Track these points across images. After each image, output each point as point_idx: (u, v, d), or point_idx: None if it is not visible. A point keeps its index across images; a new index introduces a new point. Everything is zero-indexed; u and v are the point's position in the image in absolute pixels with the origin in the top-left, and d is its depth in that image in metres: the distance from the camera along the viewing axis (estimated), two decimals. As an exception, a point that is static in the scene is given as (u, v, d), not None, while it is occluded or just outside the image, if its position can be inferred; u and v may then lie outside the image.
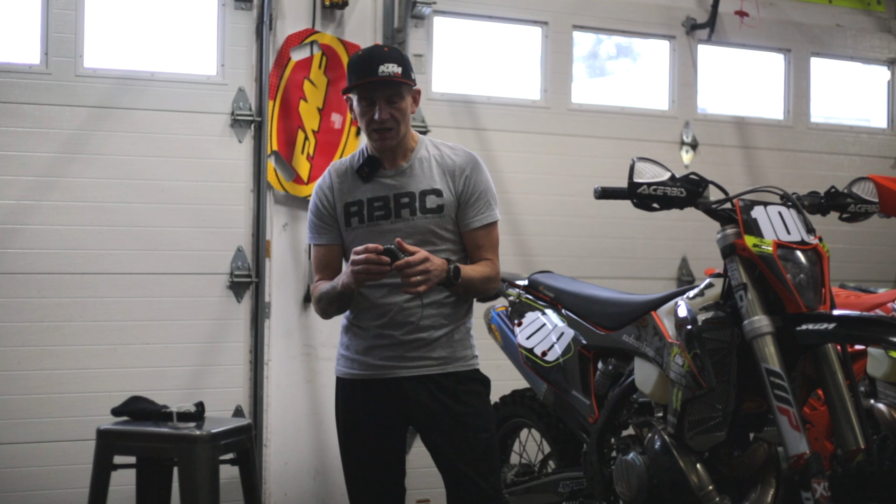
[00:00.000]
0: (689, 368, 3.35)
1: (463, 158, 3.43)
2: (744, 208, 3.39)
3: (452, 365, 3.39)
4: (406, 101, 3.37)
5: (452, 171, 3.40)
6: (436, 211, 3.37)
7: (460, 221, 3.40)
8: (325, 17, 5.61)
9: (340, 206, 3.43)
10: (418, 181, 3.39)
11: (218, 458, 4.20)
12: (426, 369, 3.36)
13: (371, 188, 3.41)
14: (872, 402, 3.87)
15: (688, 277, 6.33)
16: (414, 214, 3.36)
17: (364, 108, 3.35)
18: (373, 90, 3.32)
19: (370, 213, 3.39)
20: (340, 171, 3.48)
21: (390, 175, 3.41)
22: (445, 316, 3.38)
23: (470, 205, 3.39)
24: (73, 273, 5.16)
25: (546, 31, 6.17)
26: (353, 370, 3.43)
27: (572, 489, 4.13)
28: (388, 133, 3.34)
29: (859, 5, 7.06)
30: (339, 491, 5.58)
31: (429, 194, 3.37)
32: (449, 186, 3.38)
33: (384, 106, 3.32)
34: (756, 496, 3.46)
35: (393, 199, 3.38)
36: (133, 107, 5.27)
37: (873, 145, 7.05)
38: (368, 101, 3.34)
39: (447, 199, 3.38)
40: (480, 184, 3.41)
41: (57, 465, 5.10)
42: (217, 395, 5.27)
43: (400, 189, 3.39)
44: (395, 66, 3.31)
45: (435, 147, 3.46)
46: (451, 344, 3.39)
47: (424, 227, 3.35)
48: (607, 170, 5.69)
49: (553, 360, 4.13)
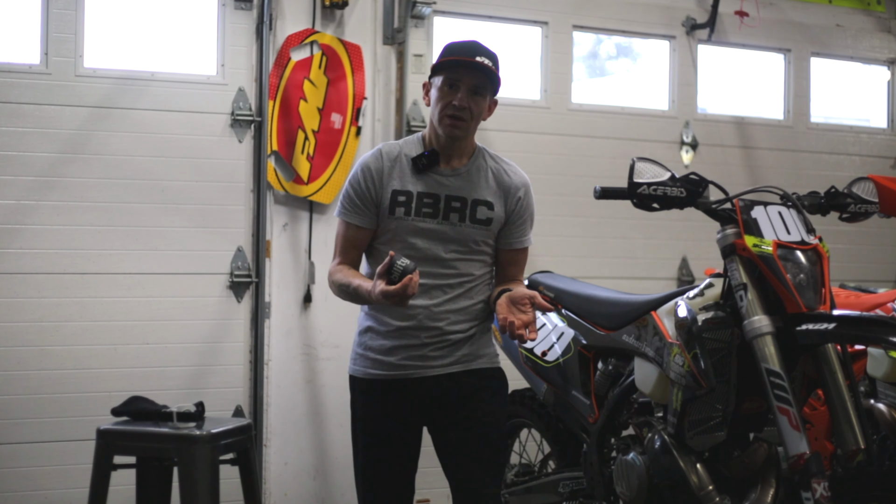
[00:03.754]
0: (689, 368, 3.35)
1: (519, 179, 3.43)
2: (744, 208, 3.39)
3: (476, 362, 3.39)
4: (486, 101, 3.34)
5: (508, 189, 3.39)
6: (485, 223, 3.35)
7: (502, 239, 3.41)
8: (325, 17, 5.61)
9: (388, 191, 3.33)
10: (473, 188, 3.35)
11: (218, 458, 4.20)
12: (449, 368, 3.35)
13: (423, 182, 3.34)
14: (872, 402, 3.87)
15: (688, 277, 6.33)
16: (463, 221, 3.33)
17: (446, 91, 3.29)
18: (462, 74, 3.27)
19: (418, 207, 3.32)
20: (392, 154, 3.38)
21: (446, 174, 3.35)
22: (471, 318, 3.38)
23: (517, 226, 3.41)
24: (73, 273, 5.16)
25: (546, 31, 6.17)
26: (374, 370, 3.38)
27: (572, 489, 4.13)
28: (461, 123, 3.29)
29: (859, 5, 7.06)
30: (339, 491, 5.58)
31: (480, 205, 3.35)
32: (501, 202, 3.38)
33: (466, 94, 3.28)
34: (756, 496, 3.46)
35: (444, 200, 3.33)
36: (133, 107, 5.27)
37: (873, 145, 7.05)
38: (451, 85, 3.28)
39: (497, 215, 3.37)
40: (530, 207, 3.46)
41: (57, 465, 5.10)
42: (217, 395, 5.27)
43: (453, 192, 3.34)
44: (491, 63, 3.30)
45: (493, 160, 3.44)
46: (473, 342, 3.39)
47: (470, 236, 3.34)
48: (607, 170, 5.69)
49: (553, 360, 4.14)
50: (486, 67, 3.28)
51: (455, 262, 3.33)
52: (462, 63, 3.28)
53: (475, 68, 3.28)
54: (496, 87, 3.36)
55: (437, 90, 3.32)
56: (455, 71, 3.28)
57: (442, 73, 3.31)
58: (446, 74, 3.30)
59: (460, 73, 3.28)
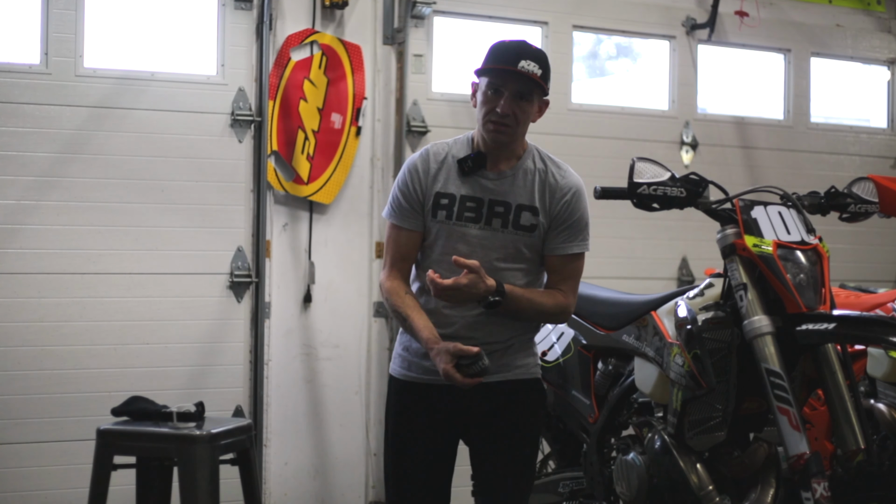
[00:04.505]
0: (689, 368, 3.35)
1: (568, 181, 3.26)
2: (744, 208, 3.40)
3: (513, 372, 3.27)
4: (533, 105, 3.21)
5: (553, 190, 3.24)
6: (528, 230, 3.22)
7: (547, 244, 3.25)
8: (325, 17, 5.61)
9: (432, 193, 3.23)
10: (517, 193, 3.22)
11: (218, 458, 4.20)
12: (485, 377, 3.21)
13: (467, 185, 3.23)
14: (872, 402, 3.87)
15: (688, 277, 6.33)
16: (505, 227, 3.21)
17: (489, 96, 3.17)
18: (506, 80, 3.15)
19: (460, 211, 3.21)
20: (440, 156, 3.27)
21: (491, 178, 3.23)
22: (509, 329, 3.26)
23: (561, 230, 3.24)
24: (73, 273, 5.16)
25: (546, 31, 6.17)
26: (411, 372, 3.30)
27: (572, 489, 4.13)
28: (505, 129, 3.16)
29: (859, 5, 7.06)
30: (339, 491, 5.59)
31: (525, 210, 3.22)
32: (545, 206, 3.23)
33: (510, 100, 3.15)
34: (756, 496, 3.46)
35: (487, 204, 3.21)
36: (133, 107, 5.27)
37: (873, 145, 7.05)
38: (495, 90, 3.16)
39: (541, 220, 3.22)
40: (578, 211, 3.26)
41: (57, 465, 5.10)
42: (217, 395, 5.27)
43: (497, 196, 3.22)
44: (537, 68, 3.16)
45: (542, 161, 3.28)
46: (511, 352, 3.27)
47: (512, 242, 3.21)
48: (607, 170, 5.68)
49: (553, 360, 4.13)
50: (530, 75, 3.15)
51: (496, 271, 3.19)
52: (504, 72, 3.16)
53: (517, 76, 3.15)
54: (544, 89, 3.22)
55: (481, 94, 3.21)
56: (499, 77, 3.17)
57: (487, 75, 3.20)
58: (490, 79, 3.19)
59: (505, 78, 3.16)
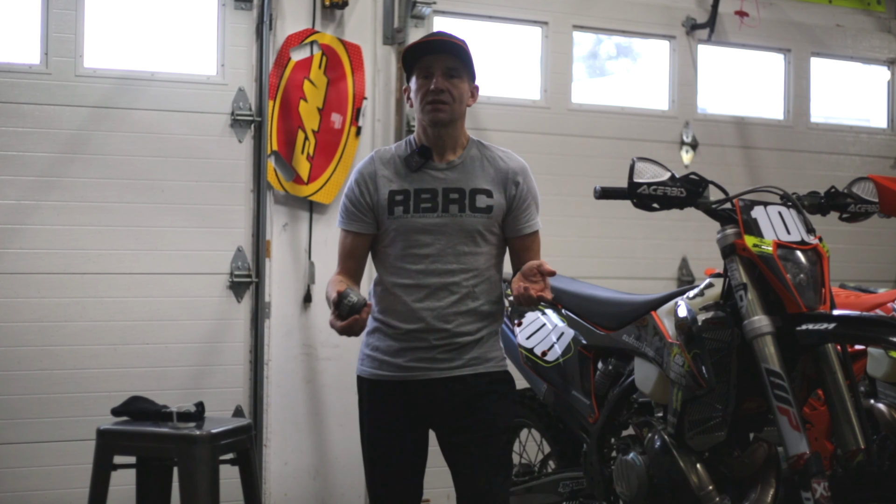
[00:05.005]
0: (689, 368, 3.35)
1: (516, 164, 3.41)
2: (744, 208, 3.40)
3: (483, 365, 3.36)
4: (464, 83, 3.32)
5: (505, 174, 3.37)
6: (485, 211, 3.32)
7: (510, 227, 3.38)
8: (325, 17, 5.61)
9: (384, 193, 3.34)
10: (469, 178, 3.34)
11: (218, 458, 4.20)
12: (457, 370, 3.33)
13: (419, 179, 3.34)
14: (872, 402, 3.86)
15: (688, 277, 6.33)
16: (463, 211, 3.31)
17: (422, 82, 3.31)
18: (432, 61, 3.29)
19: (416, 203, 3.31)
20: (385, 158, 3.40)
21: (440, 168, 3.35)
22: (480, 320, 3.36)
23: (521, 210, 3.38)
24: (73, 273, 5.16)
25: (546, 31, 6.17)
26: (382, 371, 3.37)
27: (572, 489, 4.13)
28: (444, 107, 3.28)
29: (859, 5, 7.06)
30: (339, 491, 5.58)
31: (479, 193, 3.33)
32: (500, 189, 3.35)
33: (441, 78, 3.28)
34: (756, 496, 3.46)
35: (441, 193, 3.32)
36: (133, 107, 5.27)
37: (873, 145, 7.05)
38: (426, 75, 3.30)
39: (497, 202, 3.34)
40: (532, 190, 3.42)
41: (57, 465, 5.10)
42: (217, 395, 5.27)
43: (450, 183, 3.33)
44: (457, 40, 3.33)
45: (486, 148, 3.42)
46: (482, 345, 3.36)
47: (472, 225, 3.32)
48: (607, 170, 5.69)
49: (553, 360, 4.14)
50: (453, 44, 3.30)
51: (460, 256, 3.31)
52: (427, 45, 3.31)
53: (441, 48, 3.29)
54: (472, 70, 3.36)
55: (415, 88, 3.33)
56: (424, 59, 3.30)
57: (414, 70, 3.33)
58: (417, 68, 3.32)
59: (430, 60, 3.30)
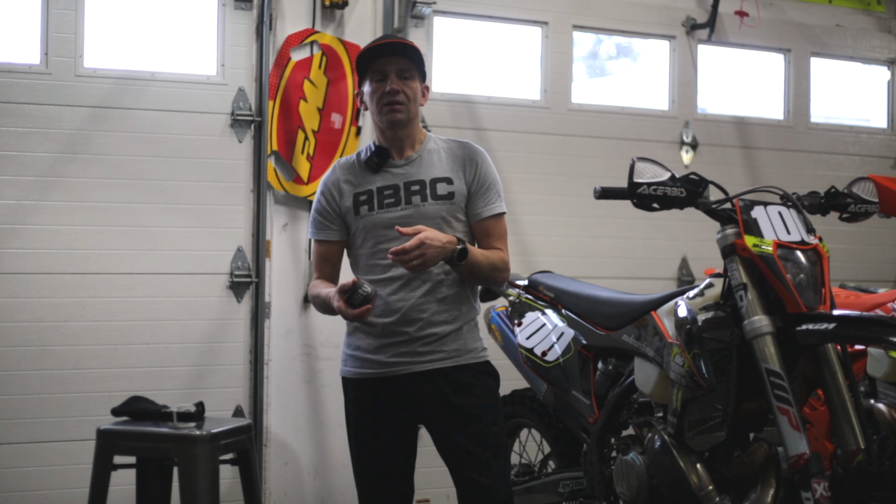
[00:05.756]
0: (689, 368, 3.35)
1: (472, 150, 3.51)
2: (744, 208, 3.39)
3: (464, 357, 3.41)
4: (416, 83, 3.43)
5: (463, 161, 3.46)
6: (447, 198, 3.41)
7: (470, 211, 3.45)
8: (325, 17, 5.61)
9: (349, 198, 3.45)
10: (428, 170, 3.43)
11: (218, 458, 4.20)
12: (439, 363, 3.37)
13: (380, 178, 3.45)
14: (872, 402, 3.86)
15: (688, 277, 6.33)
16: (425, 201, 3.39)
17: (377, 84, 3.41)
18: (384, 64, 3.38)
19: (380, 200, 3.41)
20: (347, 165, 3.53)
21: (400, 165, 3.46)
22: (455, 308, 3.40)
23: (480, 195, 3.45)
24: (73, 273, 5.16)
25: (546, 31, 6.17)
26: (364, 370, 3.42)
27: (572, 489, 4.13)
28: (400, 107, 3.39)
29: (859, 5, 7.06)
30: (339, 491, 5.58)
31: (439, 182, 3.42)
32: (459, 175, 3.44)
33: (396, 79, 3.38)
34: (756, 496, 3.46)
35: (403, 188, 3.41)
36: (133, 107, 5.27)
37: (873, 145, 7.05)
38: (380, 78, 3.39)
39: (458, 188, 3.42)
40: (490, 175, 3.49)
41: (57, 465, 5.10)
42: (217, 395, 5.28)
43: (410, 177, 3.43)
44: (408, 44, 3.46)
45: (443, 141, 3.54)
46: (461, 337, 3.41)
47: (436, 213, 3.38)
48: (607, 170, 5.69)
49: (553, 360, 4.13)
50: (404, 45, 3.42)
51: None
52: (379, 48, 3.40)
53: (394, 51, 3.40)
54: (422, 70, 3.46)
55: (369, 92, 3.45)
56: (377, 62, 3.40)
57: (367, 75, 3.43)
58: (371, 71, 3.42)
59: (382, 63, 3.39)
